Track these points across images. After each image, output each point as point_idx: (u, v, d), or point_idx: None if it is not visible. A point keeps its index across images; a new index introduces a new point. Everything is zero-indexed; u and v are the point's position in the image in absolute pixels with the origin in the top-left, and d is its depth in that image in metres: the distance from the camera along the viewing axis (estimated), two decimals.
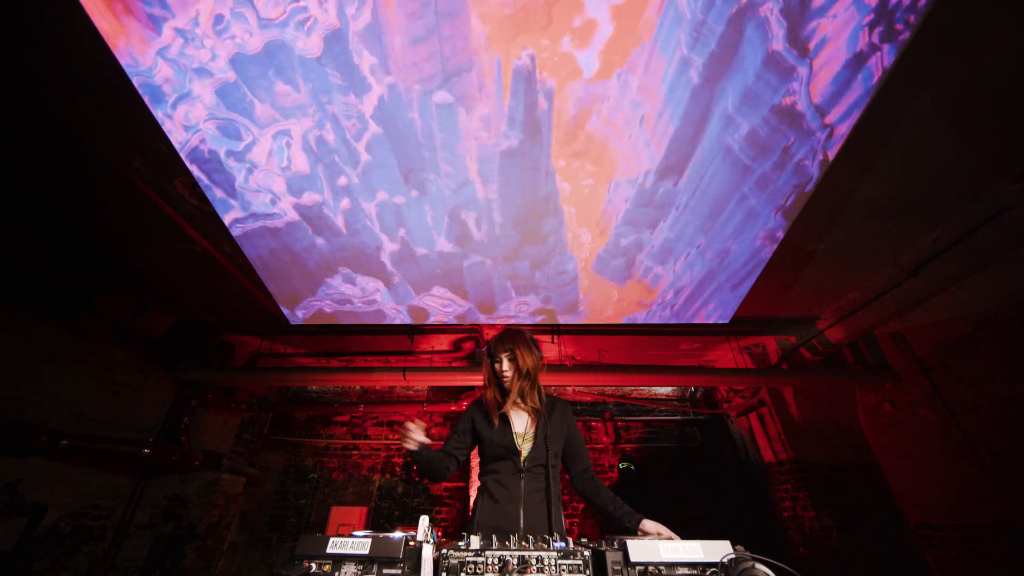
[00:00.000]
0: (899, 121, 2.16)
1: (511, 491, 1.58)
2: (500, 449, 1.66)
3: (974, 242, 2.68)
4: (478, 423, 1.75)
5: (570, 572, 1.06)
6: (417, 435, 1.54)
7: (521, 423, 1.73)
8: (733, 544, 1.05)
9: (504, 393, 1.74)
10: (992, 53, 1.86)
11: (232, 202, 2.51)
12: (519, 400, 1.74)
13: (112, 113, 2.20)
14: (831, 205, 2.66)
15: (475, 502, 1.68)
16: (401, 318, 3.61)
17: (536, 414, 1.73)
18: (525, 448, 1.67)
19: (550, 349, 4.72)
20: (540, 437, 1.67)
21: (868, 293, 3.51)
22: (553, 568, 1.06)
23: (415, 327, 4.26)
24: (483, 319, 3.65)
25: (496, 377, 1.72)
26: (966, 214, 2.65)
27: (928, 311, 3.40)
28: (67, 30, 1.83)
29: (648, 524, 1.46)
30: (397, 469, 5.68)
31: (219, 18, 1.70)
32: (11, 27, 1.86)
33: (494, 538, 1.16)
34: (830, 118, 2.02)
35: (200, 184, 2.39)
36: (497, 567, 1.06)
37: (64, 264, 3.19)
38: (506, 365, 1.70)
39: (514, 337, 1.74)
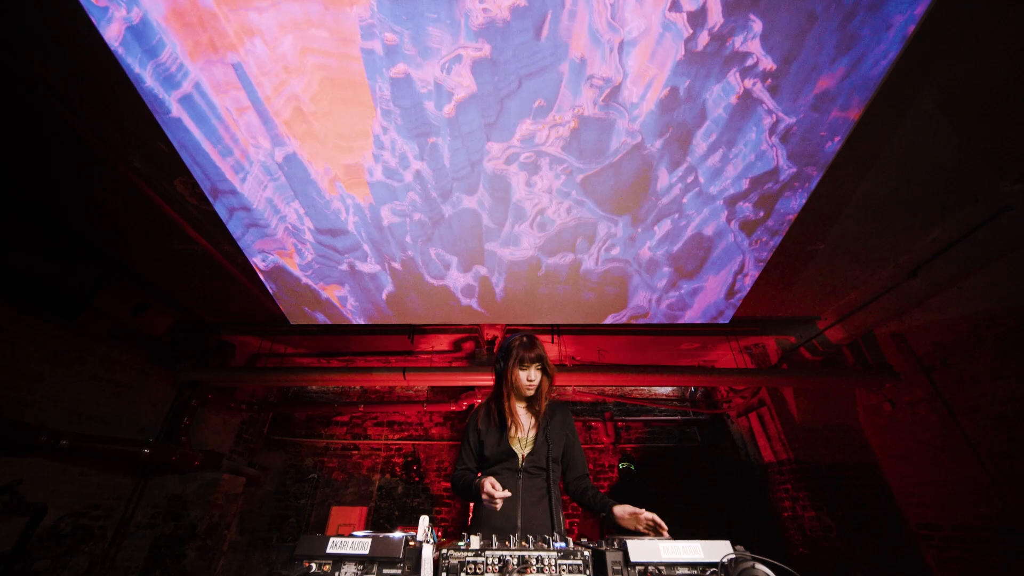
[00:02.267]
0: (899, 121, 2.16)
1: (509, 490, 1.59)
2: (500, 452, 1.67)
3: (974, 242, 2.68)
4: (481, 430, 1.76)
5: (570, 572, 1.06)
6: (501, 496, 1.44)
7: (523, 426, 1.74)
8: (733, 544, 1.05)
9: (520, 400, 1.75)
10: (992, 53, 1.86)
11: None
12: (526, 405, 1.75)
13: (112, 113, 2.20)
14: (831, 205, 2.65)
15: (474, 502, 1.69)
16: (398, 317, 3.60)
17: (538, 417, 1.73)
18: (525, 451, 1.68)
19: (550, 349, 4.72)
20: (540, 440, 1.68)
21: (868, 293, 3.51)
22: (553, 568, 1.06)
23: (415, 327, 4.26)
24: (483, 319, 3.64)
25: (519, 383, 1.71)
26: (966, 214, 2.65)
27: (928, 311, 3.39)
28: (67, 30, 1.83)
29: (617, 508, 1.46)
30: (397, 469, 5.68)
31: None
32: (11, 27, 1.86)
33: (494, 538, 1.16)
34: (830, 117, 2.02)
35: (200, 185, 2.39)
36: (497, 567, 1.06)
37: (64, 264, 3.19)
38: (535, 374, 1.70)
39: (538, 344, 1.73)
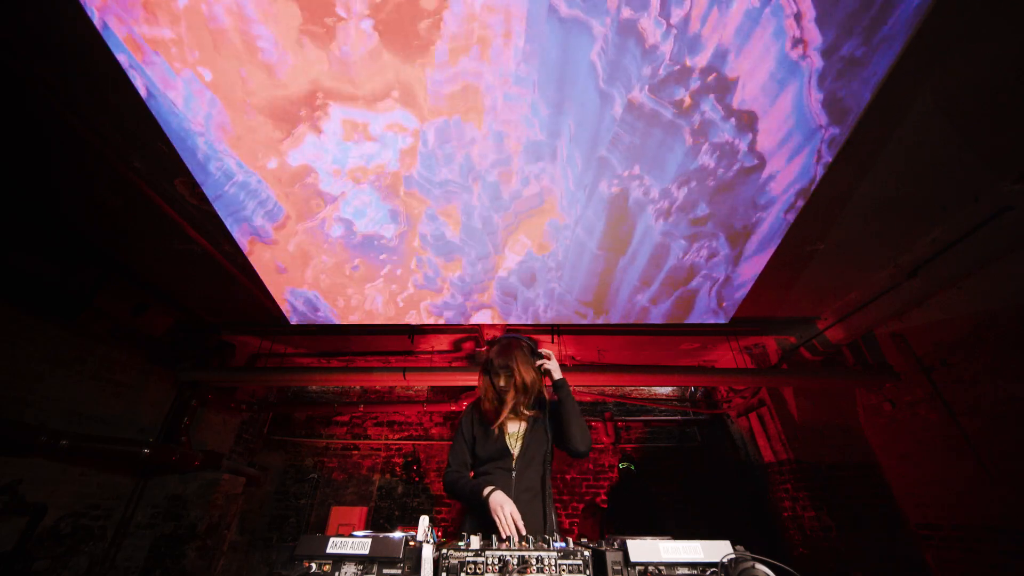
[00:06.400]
0: (899, 121, 2.16)
1: (502, 489, 1.58)
2: (494, 449, 1.68)
3: (974, 242, 2.68)
4: (476, 425, 1.77)
5: (570, 572, 1.06)
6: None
7: (514, 425, 1.75)
8: (733, 544, 1.05)
9: (502, 404, 1.74)
10: (992, 53, 1.86)
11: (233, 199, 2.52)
12: (512, 411, 1.74)
13: (112, 113, 2.20)
14: (831, 205, 2.65)
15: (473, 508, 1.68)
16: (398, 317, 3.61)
17: (526, 417, 1.73)
18: (517, 448, 1.68)
19: (550, 349, 4.72)
20: (531, 439, 1.69)
21: (868, 293, 3.51)
22: (553, 568, 1.06)
23: (415, 327, 4.25)
24: (482, 319, 3.65)
25: (494, 390, 1.72)
26: (966, 214, 2.65)
27: (928, 311, 3.39)
28: (67, 30, 1.83)
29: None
30: (397, 469, 5.68)
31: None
32: (11, 27, 1.86)
33: (494, 538, 1.16)
34: (830, 118, 2.02)
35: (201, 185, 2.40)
36: (497, 567, 1.06)
37: (64, 264, 3.18)
38: (503, 383, 1.70)
39: (511, 351, 1.72)
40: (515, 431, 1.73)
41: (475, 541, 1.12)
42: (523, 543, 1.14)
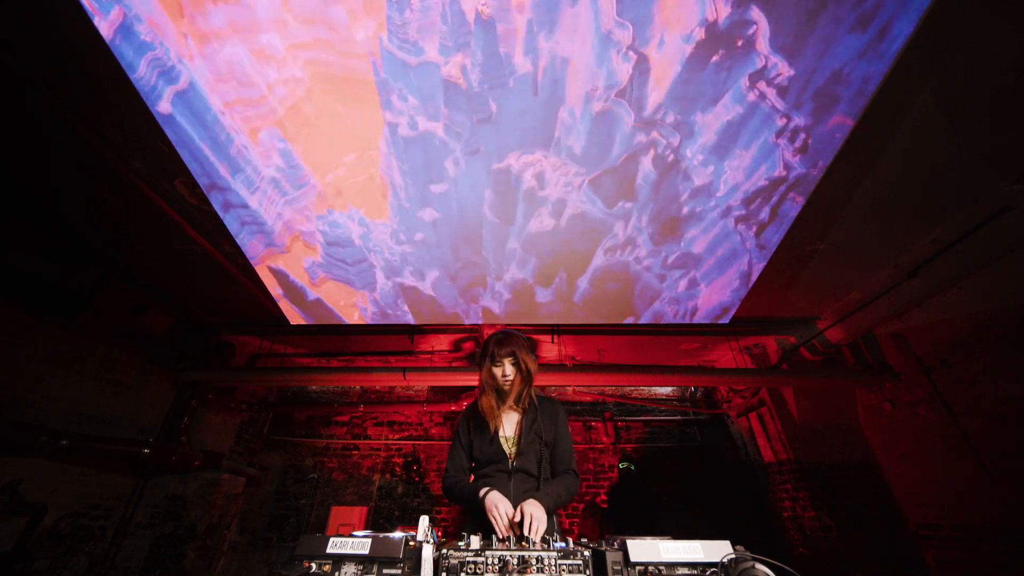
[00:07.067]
0: (899, 121, 2.16)
1: (501, 492, 1.58)
2: (491, 452, 1.67)
3: (974, 242, 2.68)
4: (472, 430, 1.76)
5: (570, 572, 1.06)
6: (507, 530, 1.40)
7: (511, 425, 1.73)
8: (733, 544, 1.05)
9: (501, 397, 1.74)
10: (992, 53, 1.86)
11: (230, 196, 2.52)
12: (513, 403, 1.74)
13: (112, 113, 2.20)
14: (831, 205, 2.65)
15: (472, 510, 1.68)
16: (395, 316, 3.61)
17: (526, 415, 1.72)
18: (514, 450, 1.67)
19: (550, 349, 4.72)
20: (526, 440, 1.67)
21: (868, 293, 3.51)
22: (553, 568, 1.06)
23: (415, 327, 4.26)
24: (481, 319, 3.65)
25: (495, 381, 1.71)
26: (966, 214, 2.65)
27: (928, 311, 3.39)
28: (67, 30, 1.83)
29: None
30: (397, 469, 5.68)
31: None
32: (11, 27, 1.86)
33: (494, 538, 1.16)
34: (829, 117, 2.02)
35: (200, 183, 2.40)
36: (497, 567, 1.06)
37: (64, 264, 3.19)
38: (509, 369, 1.68)
39: (513, 340, 1.72)
40: (511, 433, 1.72)
41: (475, 541, 1.12)
42: (523, 543, 1.14)
